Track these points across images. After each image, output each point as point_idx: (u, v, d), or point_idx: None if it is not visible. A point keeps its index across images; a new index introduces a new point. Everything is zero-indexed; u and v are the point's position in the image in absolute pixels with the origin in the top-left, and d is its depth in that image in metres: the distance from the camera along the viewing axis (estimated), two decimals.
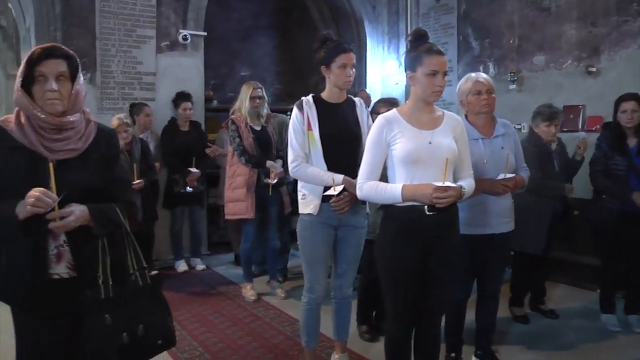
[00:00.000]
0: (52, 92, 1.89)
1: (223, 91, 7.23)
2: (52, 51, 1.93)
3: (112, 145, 2.12)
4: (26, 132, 1.91)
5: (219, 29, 6.99)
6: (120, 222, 2.01)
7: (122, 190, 2.14)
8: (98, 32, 5.40)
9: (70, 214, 1.86)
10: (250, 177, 4.46)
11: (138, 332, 1.94)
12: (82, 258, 1.98)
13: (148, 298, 2.03)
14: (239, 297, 4.74)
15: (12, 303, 2.04)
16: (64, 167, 1.92)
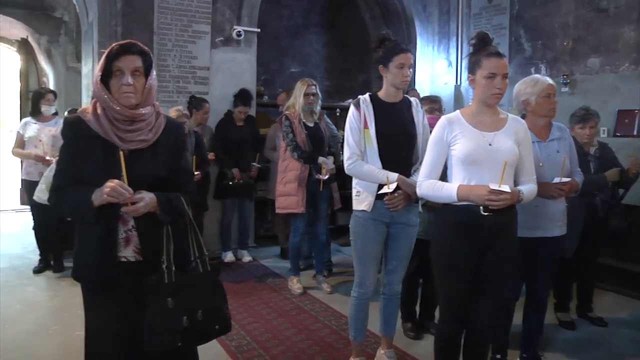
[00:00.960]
0: (127, 86, 2.01)
1: (273, 87, 7.33)
2: (129, 47, 2.04)
3: (179, 137, 2.24)
4: (102, 122, 2.04)
5: (270, 26, 7.09)
6: (184, 211, 2.12)
7: (186, 181, 2.25)
8: (156, 27, 5.57)
9: (140, 200, 1.98)
10: (302, 172, 4.56)
11: (197, 317, 2.04)
12: (148, 243, 2.09)
13: (207, 284, 2.12)
14: (285, 290, 4.83)
15: (84, 282, 2.18)
16: (135, 157, 2.05)
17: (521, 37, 6.39)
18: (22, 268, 5.49)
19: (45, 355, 3.54)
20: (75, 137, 2.09)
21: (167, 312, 2.00)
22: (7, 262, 5.71)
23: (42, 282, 5.09)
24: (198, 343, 2.18)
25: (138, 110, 2.05)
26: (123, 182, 1.97)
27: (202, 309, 2.06)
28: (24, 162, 5.45)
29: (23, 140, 5.27)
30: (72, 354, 3.52)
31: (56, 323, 4.06)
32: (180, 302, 2.02)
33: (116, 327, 2.12)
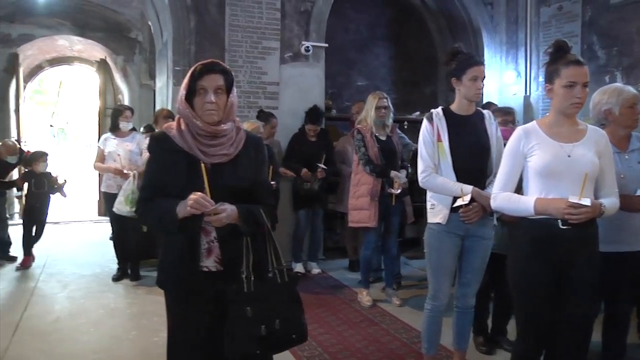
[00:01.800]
0: (210, 104, 2.10)
1: (340, 100, 7.42)
2: (212, 67, 2.14)
3: (259, 151, 2.30)
4: (185, 137, 2.14)
5: (336, 40, 7.18)
6: (264, 223, 2.18)
7: (265, 193, 2.32)
8: (227, 45, 5.76)
9: (223, 211, 2.05)
10: (374, 186, 4.57)
11: (275, 326, 2.09)
12: (229, 254, 2.16)
13: (285, 294, 2.17)
14: (354, 302, 4.85)
15: (168, 290, 2.29)
16: (217, 170, 2.13)
17: (594, 44, 6.21)
18: (102, 276, 5.75)
19: (126, 357, 3.72)
20: (160, 151, 2.21)
21: (247, 320, 2.06)
22: (89, 269, 6.00)
23: (120, 289, 5.32)
24: (276, 351, 2.23)
25: (220, 126, 2.14)
26: (206, 194, 2.05)
27: (280, 318, 2.10)
28: (104, 175, 5.72)
29: (103, 154, 5.54)
30: (152, 359, 3.68)
31: (135, 329, 4.24)
32: (259, 311, 2.08)
33: (197, 334, 2.20)
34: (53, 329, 4.19)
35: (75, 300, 4.96)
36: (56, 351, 3.79)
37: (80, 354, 3.74)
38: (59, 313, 4.59)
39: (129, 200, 5.19)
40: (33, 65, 10.79)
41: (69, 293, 5.17)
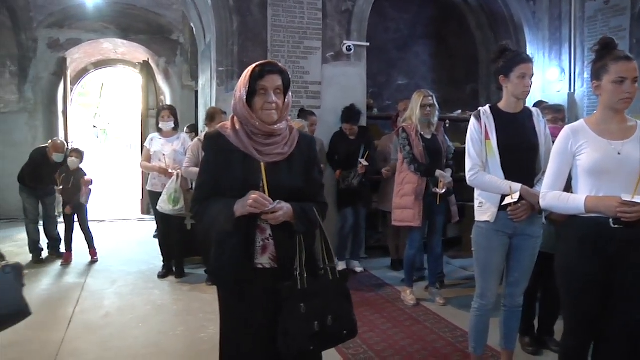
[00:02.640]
0: (271, 104, 2.13)
1: (381, 99, 7.41)
2: (271, 67, 2.16)
3: (312, 149, 2.32)
4: (241, 137, 2.17)
5: (377, 39, 7.17)
6: (317, 221, 2.20)
7: (318, 191, 2.32)
8: (270, 45, 5.83)
9: (280, 209, 2.07)
10: (419, 185, 4.55)
11: (327, 322, 2.10)
12: (283, 251, 2.18)
13: (336, 291, 2.18)
14: (398, 301, 4.85)
15: (222, 286, 2.32)
16: (273, 169, 2.15)
17: None
18: (148, 273, 5.88)
19: (175, 353, 3.79)
20: (215, 151, 2.23)
21: (300, 316, 2.08)
22: (135, 267, 6.14)
23: (166, 286, 5.43)
24: (328, 347, 2.24)
25: (276, 125, 2.16)
26: (263, 193, 2.08)
27: (332, 315, 2.12)
28: (150, 174, 5.84)
29: (149, 154, 5.66)
30: (199, 354, 3.75)
31: (182, 325, 4.32)
32: (312, 307, 2.09)
33: (250, 329, 2.22)
34: (104, 323, 4.31)
35: (123, 296, 5.09)
36: (108, 345, 3.90)
37: (131, 348, 3.85)
38: (108, 308, 4.72)
39: (172, 199, 5.30)
40: (79, 68, 11.11)
41: (116, 289, 5.31)
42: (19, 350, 3.75)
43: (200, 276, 5.64)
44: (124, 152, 30.18)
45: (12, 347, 3.70)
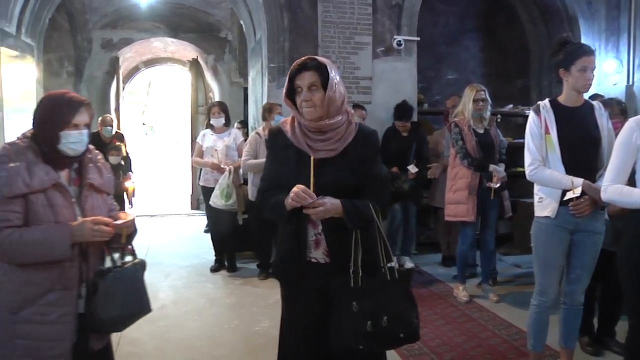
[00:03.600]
0: (306, 102, 2.13)
1: (430, 94, 7.35)
2: (304, 65, 2.15)
3: (369, 144, 2.25)
4: (296, 133, 2.20)
5: (426, 34, 7.09)
6: (372, 219, 2.14)
7: (377, 189, 2.24)
8: (320, 41, 5.85)
9: (321, 204, 2.05)
10: (472, 180, 4.50)
11: (382, 322, 2.05)
12: (336, 247, 2.17)
13: (395, 292, 2.12)
14: (450, 297, 4.82)
15: (279, 277, 2.38)
16: (323, 165, 2.15)
17: None
18: (200, 267, 5.99)
19: (230, 345, 3.86)
20: (275, 145, 2.29)
21: (352, 315, 2.06)
22: (187, 260, 6.27)
23: (218, 280, 5.53)
24: (383, 348, 2.23)
25: (323, 121, 2.14)
26: (310, 188, 2.09)
27: (388, 315, 2.06)
28: (202, 169, 5.94)
29: (201, 150, 5.75)
30: (255, 347, 3.81)
31: (236, 318, 4.39)
32: (365, 306, 2.06)
33: (304, 323, 2.25)
34: (161, 315, 4.42)
35: (177, 289, 5.21)
36: (166, 336, 4.01)
37: (187, 340, 3.94)
38: (163, 301, 4.83)
39: (224, 194, 5.38)
40: (131, 67, 11.40)
41: (170, 282, 5.43)
42: None
43: (252, 270, 5.70)
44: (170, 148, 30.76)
45: None
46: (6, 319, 1.96)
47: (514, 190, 5.64)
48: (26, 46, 6.34)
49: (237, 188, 5.41)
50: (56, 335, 1.98)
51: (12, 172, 1.91)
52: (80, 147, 2.08)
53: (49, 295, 1.97)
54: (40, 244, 1.92)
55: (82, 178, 2.14)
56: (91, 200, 2.14)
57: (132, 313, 2.15)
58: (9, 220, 1.92)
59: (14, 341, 1.95)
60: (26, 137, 2.07)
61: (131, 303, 2.13)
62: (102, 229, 2.00)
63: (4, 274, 1.99)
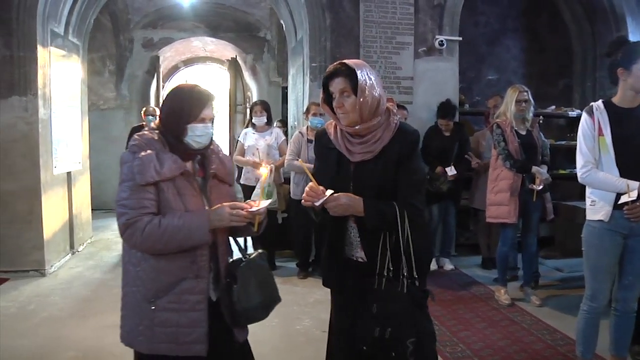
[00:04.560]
0: (339, 108, 2.14)
1: (470, 95, 7.27)
2: (334, 72, 2.16)
3: (405, 145, 2.17)
4: (337, 136, 2.22)
5: (466, 33, 7.00)
6: (394, 222, 2.08)
7: (408, 191, 2.15)
8: (362, 40, 5.84)
9: (332, 200, 2.05)
10: (515, 181, 4.44)
11: (385, 334, 2.02)
12: (369, 247, 2.18)
13: (407, 309, 2.05)
14: (491, 300, 4.75)
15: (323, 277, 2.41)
16: (362, 168, 2.17)
17: None
18: None
19: (271, 343, 3.85)
20: (320, 147, 2.33)
21: (370, 316, 2.06)
22: None
23: None
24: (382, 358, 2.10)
25: (359, 126, 2.13)
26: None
27: (392, 328, 2.02)
28: (243, 168, 5.99)
29: (243, 148, 5.79)
30: (296, 346, 3.82)
31: (277, 316, 4.28)
32: (381, 312, 2.05)
33: (342, 321, 2.28)
34: None
35: None
36: None
37: None
38: None
39: (265, 193, 5.39)
40: (170, 66, 11.57)
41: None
42: None
43: (291, 269, 5.72)
44: None
45: None
46: (144, 308, 2.00)
47: (556, 193, 5.54)
48: (73, 46, 6.48)
49: (278, 187, 5.44)
50: (192, 322, 2.00)
51: (144, 160, 1.94)
52: (205, 141, 2.08)
53: (183, 283, 1.99)
54: (179, 229, 1.93)
55: (205, 169, 2.15)
56: (216, 191, 2.15)
57: (270, 301, 2.14)
58: (146, 207, 1.94)
59: (153, 329, 1.99)
60: (153, 128, 2.10)
61: (267, 292, 2.13)
62: (240, 214, 1.98)
63: (137, 264, 2.02)
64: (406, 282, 2.07)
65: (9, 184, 5.34)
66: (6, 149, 5.33)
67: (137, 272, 2.03)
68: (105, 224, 8.33)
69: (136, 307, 2.03)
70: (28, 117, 5.35)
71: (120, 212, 1.96)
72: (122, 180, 1.98)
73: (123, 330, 2.10)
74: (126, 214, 1.94)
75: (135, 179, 1.93)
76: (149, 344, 2.01)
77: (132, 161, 1.96)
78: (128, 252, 2.06)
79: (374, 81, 2.14)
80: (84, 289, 5.14)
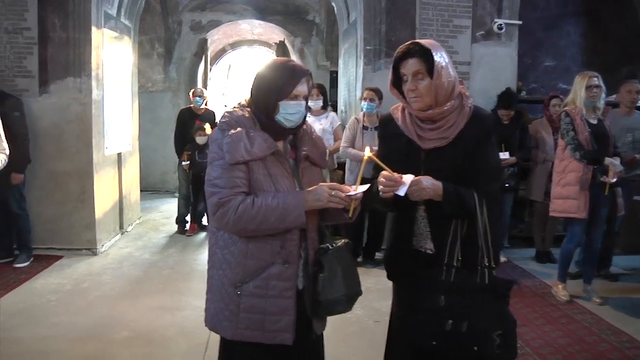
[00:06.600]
0: (411, 91, 2.00)
1: (526, 82, 6.99)
2: (407, 51, 2.00)
3: (481, 129, 2.05)
4: (406, 122, 2.08)
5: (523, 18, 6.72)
6: (473, 210, 1.97)
7: (483, 178, 2.03)
8: (418, 24, 5.65)
9: (414, 183, 1.90)
10: (584, 174, 4.22)
11: (461, 328, 1.91)
12: (438, 236, 2.04)
13: (488, 300, 1.94)
14: (548, 295, 4.58)
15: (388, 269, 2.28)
16: (434, 155, 2.03)
17: None
18: None
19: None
20: (385, 133, 2.21)
21: (437, 308, 1.94)
22: None
23: None
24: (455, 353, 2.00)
25: (432, 110, 2.00)
26: None
27: (469, 322, 1.91)
28: None
29: None
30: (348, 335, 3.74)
31: None
32: (451, 304, 1.93)
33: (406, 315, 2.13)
34: None
35: None
36: None
37: None
38: None
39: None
40: (218, 48, 11.55)
41: None
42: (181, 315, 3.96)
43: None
44: None
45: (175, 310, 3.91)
46: (230, 292, 1.93)
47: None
48: (124, 27, 6.49)
49: (331, 173, 5.35)
50: (279, 309, 1.91)
51: (234, 138, 1.85)
52: (297, 119, 1.96)
53: (271, 269, 1.90)
54: (273, 209, 1.83)
55: (297, 150, 2.04)
56: (308, 173, 2.04)
57: (354, 293, 2.00)
58: (238, 186, 1.86)
59: (238, 315, 1.92)
60: (243, 105, 2.02)
61: (352, 283, 1.99)
62: (340, 195, 1.85)
63: (224, 247, 1.95)
64: (486, 272, 1.95)
65: (64, 164, 5.41)
66: (61, 130, 5.40)
67: (224, 255, 1.95)
68: (152, 205, 8.42)
69: (222, 291, 1.96)
70: (82, 98, 5.39)
71: (211, 191, 1.88)
72: (212, 159, 1.91)
73: (207, 314, 2.04)
74: (218, 193, 1.86)
75: (225, 157, 1.86)
76: (233, 330, 1.93)
77: (221, 139, 1.88)
78: (215, 234, 1.99)
79: (448, 62, 2.01)
80: (134, 269, 5.18)
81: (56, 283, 4.68)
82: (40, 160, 5.33)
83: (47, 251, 5.43)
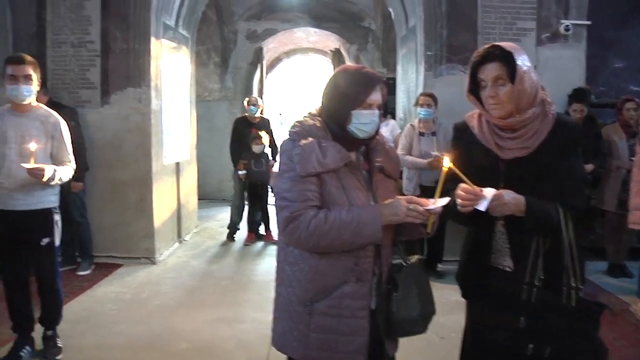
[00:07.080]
0: (491, 98, 1.86)
1: (594, 85, 6.64)
2: (487, 55, 1.88)
3: (568, 138, 1.91)
4: (483, 130, 1.95)
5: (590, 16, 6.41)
6: (557, 226, 1.82)
7: (570, 191, 1.90)
8: (480, 27, 5.48)
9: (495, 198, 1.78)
10: None
11: (544, 352, 1.79)
12: (518, 253, 1.90)
13: (575, 324, 1.81)
14: (626, 312, 4.29)
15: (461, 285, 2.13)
16: (515, 165, 1.89)
17: None
18: None
19: None
20: (459, 141, 2.07)
21: (515, 330, 1.83)
22: None
23: None
24: None
25: (513, 118, 1.86)
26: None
27: (553, 347, 1.79)
28: None
29: None
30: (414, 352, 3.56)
31: None
32: (533, 326, 1.80)
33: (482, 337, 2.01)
34: None
35: None
36: None
37: None
38: None
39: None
40: (273, 57, 11.61)
41: None
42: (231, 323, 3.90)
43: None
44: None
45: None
46: (299, 311, 1.85)
47: None
48: (182, 38, 6.57)
49: None
50: (351, 330, 1.82)
51: (305, 149, 1.78)
52: (371, 129, 1.86)
53: (344, 287, 1.81)
54: (347, 225, 1.73)
55: (370, 161, 1.94)
56: (383, 186, 1.94)
57: (429, 313, 1.90)
58: (310, 199, 1.78)
59: (309, 335, 1.83)
60: (314, 115, 1.93)
61: (426, 302, 1.89)
62: (419, 209, 1.74)
63: (294, 264, 1.87)
64: (573, 293, 1.80)
65: (123, 174, 5.49)
66: (121, 140, 5.48)
67: (293, 273, 1.86)
68: (209, 214, 8.47)
69: (290, 310, 1.88)
70: (142, 107, 5.46)
71: (281, 205, 1.81)
72: (281, 171, 1.83)
73: (275, 334, 1.96)
74: (288, 207, 1.78)
75: (295, 169, 1.78)
76: (303, 350, 1.85)
77: (292, 150, 1.81)
78: (284, 249, 1.91)
79: (531, 67, 1.87)
80: (192, 279, 5.19)
81: (116, 292, 4.73)
82: (101, 170, 5.43)
83: (107, 259, 5.52)
